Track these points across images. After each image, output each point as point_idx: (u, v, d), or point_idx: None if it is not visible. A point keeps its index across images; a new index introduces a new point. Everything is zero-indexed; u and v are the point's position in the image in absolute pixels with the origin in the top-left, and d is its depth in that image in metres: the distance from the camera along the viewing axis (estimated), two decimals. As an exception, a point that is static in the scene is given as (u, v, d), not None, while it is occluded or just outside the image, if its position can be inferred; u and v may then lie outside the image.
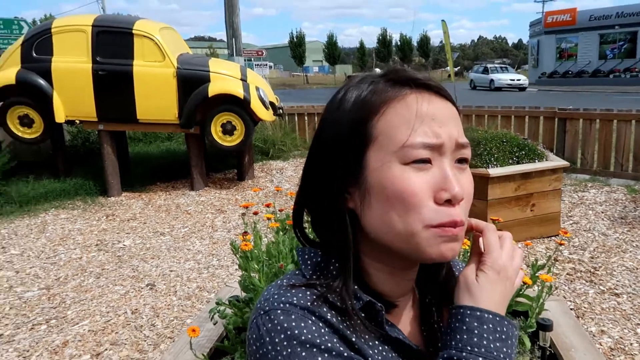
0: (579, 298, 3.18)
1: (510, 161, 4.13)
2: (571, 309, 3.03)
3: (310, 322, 0.58)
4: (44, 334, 2.96)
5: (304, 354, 0.56)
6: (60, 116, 5.74)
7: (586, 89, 24.54)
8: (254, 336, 0.59)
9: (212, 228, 4.85)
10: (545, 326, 1.56)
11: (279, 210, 2.28)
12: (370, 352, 0.61)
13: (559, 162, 4.29)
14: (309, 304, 0.59)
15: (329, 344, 0.57)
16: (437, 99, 0.61)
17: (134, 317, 3.13)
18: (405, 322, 0.69)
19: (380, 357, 0.62)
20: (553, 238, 4.20)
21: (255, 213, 2.32)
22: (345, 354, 0.57)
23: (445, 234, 0.59)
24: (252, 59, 23.93)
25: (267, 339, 0.57)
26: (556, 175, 4.23)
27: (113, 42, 5.73)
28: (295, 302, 0.59)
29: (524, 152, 4.22)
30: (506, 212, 4.01)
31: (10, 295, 3.49)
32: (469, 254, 0.68)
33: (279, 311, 0.58)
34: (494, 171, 3.91)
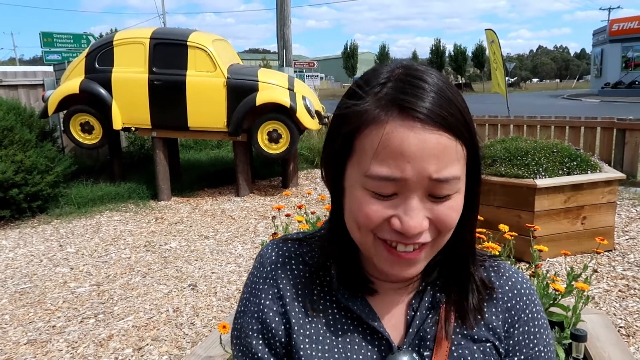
0: (630, 316, 2.99)
1: (560, 172, 3.96)
2: (621, 327, 2.86)
3: (265, 272, 0.71)
4: (92, 327, 3.11)
5: (244, 291, 0.74)
6: (117, 123, 6.05)
7: (654, 100, 23.10)
8: None
9: (255, 233, 4.94)
10: (578, 336, 1.49)
11: (311, 213, 2.30)
12: (300, 309, 0.68)
13: (614, 174, 4.06)
14: (281, 257, 0.73)
15: (254, 297, 0.71)
16: (419, 129, 0.55)
17: (175, 315, 3.24)
18: (389, 308, 0.70)
19: (313, 317, 0.68)
20: (606, 253, 3.98)
21: (287, 215, 2.35)
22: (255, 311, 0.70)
23: (393, 256, 0.61)
24: (304, 70, 24.28)
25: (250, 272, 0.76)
26: (610, 187, 4.02)
27: (168, 53, 5.96)
28: (273, 254, 0.73)
29: (575, 163, 4.04)
30: (554, 224, 3.84)
31: (64, 290, 3.71)
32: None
33: (259, 256, 0.74)
34: (542, 182, 3.77)
